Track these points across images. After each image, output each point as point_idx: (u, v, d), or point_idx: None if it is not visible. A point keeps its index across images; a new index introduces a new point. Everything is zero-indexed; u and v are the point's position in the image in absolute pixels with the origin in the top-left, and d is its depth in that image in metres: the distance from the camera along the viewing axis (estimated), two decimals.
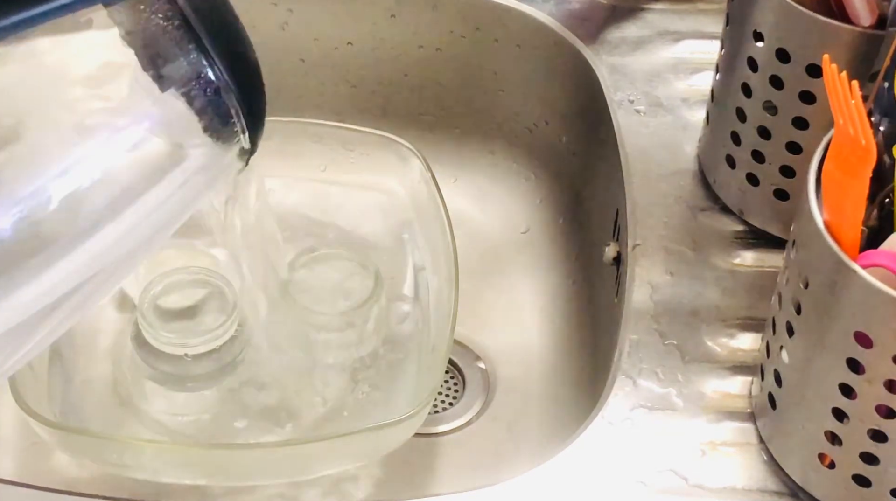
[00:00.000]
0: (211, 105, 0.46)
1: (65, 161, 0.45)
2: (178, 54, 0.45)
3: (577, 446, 0.62)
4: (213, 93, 0.46)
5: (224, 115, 0.47)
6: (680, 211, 0.73)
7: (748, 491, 0.60)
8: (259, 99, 0.48)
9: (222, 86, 0.46)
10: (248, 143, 0.48)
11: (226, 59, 0.46)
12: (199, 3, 0.45)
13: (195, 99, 0.46)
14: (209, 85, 0.46)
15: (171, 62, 0.45)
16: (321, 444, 0.65)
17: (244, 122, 0.47)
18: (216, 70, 0.45)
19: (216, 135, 0.47)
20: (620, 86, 0.81)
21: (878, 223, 0.54)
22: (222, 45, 0.46)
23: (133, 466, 0.64)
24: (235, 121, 0.47)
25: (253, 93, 0.48)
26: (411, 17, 0.88)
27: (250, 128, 0.48)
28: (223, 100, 0.46)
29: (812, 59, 0.63)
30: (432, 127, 0.92)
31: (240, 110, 0.47)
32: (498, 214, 0.90)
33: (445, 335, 0.66)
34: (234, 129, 0.47)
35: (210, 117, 0.46)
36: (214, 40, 0.45)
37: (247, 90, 0.47)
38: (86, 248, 0.46)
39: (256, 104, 0.48)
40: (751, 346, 0.66)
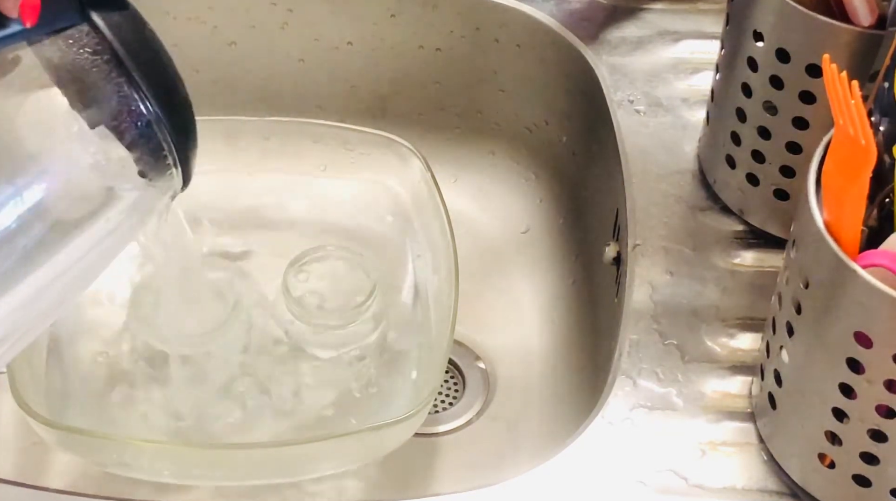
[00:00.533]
0: (143, 139, 0.46)
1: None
2: (108, 88, 0.45)
3: (577, 446, 0.62)
4: (145, 127, 0.45)
5: (156, 149, 0.46)
6: (680, 211, 0.73)
7: (748, 491, 0.60)
8: (190, 133, 0.47)
9: (153, 120, 0.45)
10: (181, 178, 0.48)
11: (157, 93, 0.45)
12: (127, 37, 0.45)
13: (126, 133, 0.45)
14: (140, 118, 0.45)
15: (101, 96, 0.45)
16: (321, 444, 0.65)
17: (176, 156, 0.47)
18: (147, 103, 0.45)
19: (148, 170, 0.46)
20: (620, 86, 0.81)
21: (878, 223, 0.54)
22: (152, 79, 0.45)
23: (133, 466, 0.64)
24: (167, 155, 0.46)
25: (184, 127, 0.47)
26: (411, 17, 0.88)
27: (182, 163, 0.47)
28: (155, 134, 0.46)
29: (812, 59, 0.63)
30: (432, 127, 0.92)
31: (171, 144, 0.46)
32: (498, 214, 0.90)
33: (445, 335, 0.66)
34: (167, 163, 0.47)
35: (142, 152, 0.46)
36: (144, 74, 0.45)
37: (178, 123, 0.46)
38: (12, 294, 0.45)
39: (188, 138, 0.47)
40: (751, 346, 0.66)
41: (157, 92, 0.45)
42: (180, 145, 0.46)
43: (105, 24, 0.45)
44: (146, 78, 0.45)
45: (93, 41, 0.45)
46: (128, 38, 0.45)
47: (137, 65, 0.45)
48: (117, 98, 0.45)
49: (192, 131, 0.47)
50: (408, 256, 0.77)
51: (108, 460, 0.65)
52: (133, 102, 0.45)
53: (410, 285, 0.76)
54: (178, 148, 0.46)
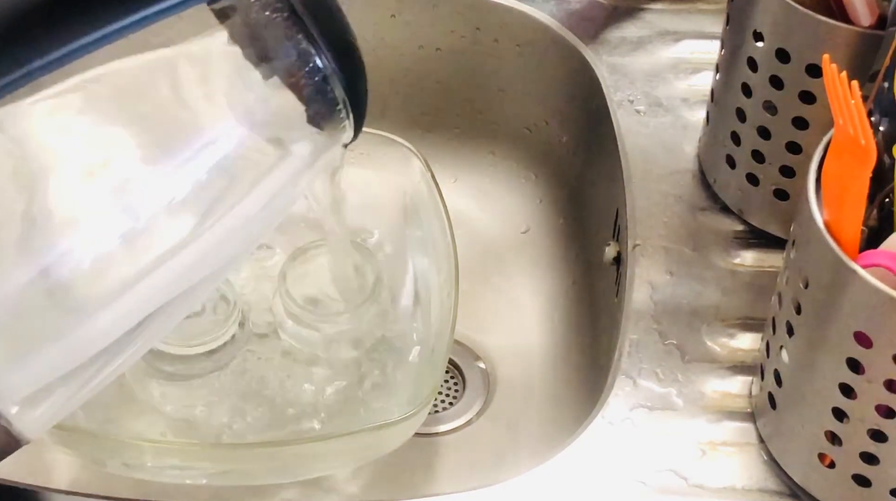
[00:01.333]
0: (319, 93, 0.47)
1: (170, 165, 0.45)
2: (286, 42, 0.46)
3: (577, 446, 0.62)
4: (322, 81, 0.47)
5: (331, 103, 0.47)
6: (680, 211, 0.73)
7: (748, 491, 0.60)
8: (363, 88, 0.49)
9: (329, 75, 0.46)
10: (352, 131, 0.49)
11: (332, 46, 0.46)
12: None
13: (304, 87, 0.47)
14: (317, 73, 0.46)
15: (280, 51, 0.46)
16: (321, 444, 0.65)
17: (350, 107, 0.48)
18: (324, 58, 0.46)
19: (322, 123, 0.48)
20: (620, 86, 0.81)
21: (878, 223, 0.54)
22: (328, 33, 0.46)
23: (133, 466, 0.64)
24: (342, 109, 0.48)
25: (358, 82, 0.48)
26: (411, 17, 0.88)
27: (356, 117, 0.49)
28: (330, 88, 0.47)
29: (812, 59, 0.63)
30: (432, 127, 0.92)
31: (346, 98, 0.48)
32: (498, 214, 0.90)
33: (445, 335, 0.66)
34: (341, 117, 0.48)
35: (317, 106, 0.47)
36: (321, 28, 0.46)
37: (353, 78, 0.48)
38: (189, 252, 0.46)
39: (361, 92, 0.48)
40: (751, 346, 0.66)
41: (332, 45, 0.46)
42: (353, 97, 0.48)
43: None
44: (323, 32, 0.46)
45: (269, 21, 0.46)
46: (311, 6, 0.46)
47: (315, 20, 0.46)
48: (296, 51, 0.46)
49: (364, 83, 0.49)
50: (408, 256, 0.77)
51: (108, 460, 0.65)
52: (311, 56, 0.46)
53: (410, 285, 0.76)
54: (351, 100, 0.48)
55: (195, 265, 0.46)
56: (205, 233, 0.46)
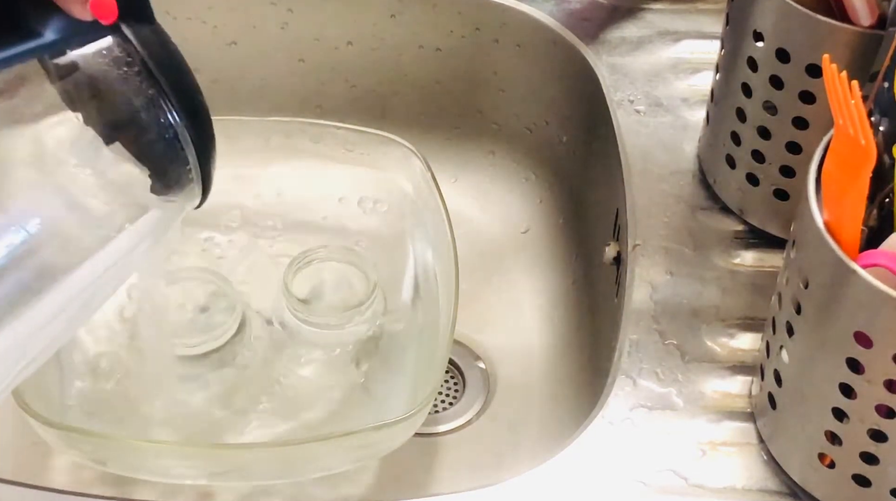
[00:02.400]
0: (168, 152, 0.45)
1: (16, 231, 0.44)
2: (136, 101, 0.45)
3: (577, 446, 0.62)
4: (172, 139, 0.45)
5: (180, 163, 0.46)
6: (680, 211, 0.73)
7: (748, 491, 0.60)
8: (212, 147, 0.47)
9: (179, 132, 0.45)
10: (200, 193, 0.48)
11: (183, 106, 0.45)
12: (156, 50, 0.45)
13: (150, 145, 0.45)
14: (167, 130, 0.45)
15: (126, 110, 0.45)
16: (321, 444, 0.65)
17: (199, 169, 0.47)
18: (173, 115, 0.45)
19: (169, 185, 0.46)
20: (620, 86, 0.81)
21: (878, 223, 0.54)
22: (179, 92, 0.45)
23: (133, 466, 0.64)
24: (191, 168, 0.46)
25: (207, 141, 0.47)
26: (411, 17, 0.88)
27: (204, 177, 0.47)
28: (180, 147, 0.45)
29: (812, 59, 0.63)
30: (432, 127, 0.92)
31: (196, 157, 0.46)
32: (498, 214, 0.90)
33: (445, 335, 0.66)
34: (189, 177, 0.47)
35: (165, 165, 0.46)
36: (172, 87, 0.45)
37: (202, 136, 0.46)
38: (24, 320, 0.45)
39: (210, 152, 0.47)
40: (751, 346, 0.66)
41: (183, 105, 0.45)
42: (203, 159, 0.47)
43: (135, 37, 0.45)
44: (174, 91, 0.45)
45: (122, 53, 0.45)
46: (156, 52, 0.45)
47: (166, 78, 0.45)
48: (145, 111, 0.45)
49: (214, 146, 0.47)
50: (408, 256, 0.77)
51: (108, 460, 0.65)
52: (161, 114, 0.45)
53: (410, 285, 0.76)
54: (201, 161, 0.47)
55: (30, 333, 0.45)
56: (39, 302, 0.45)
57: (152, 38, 0.45)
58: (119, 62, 0.45)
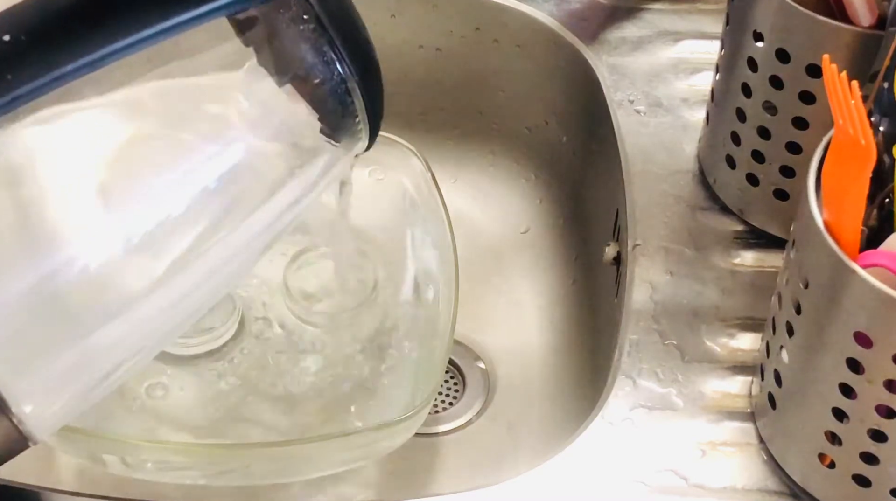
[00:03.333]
0: (339, 103, 0.48)
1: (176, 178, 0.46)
2: (312, 53, 0.47)
3: (577, 446, 0.62)
4: (343, 92, 0.48)
5: (350, 114, 0.48)
6: (680, 211, 0.73)
7: (748, 491, 0.60)
8: (381, 102, 0.50)
9: (351, 85, 0.48)
10: (366, 143, 0.50)
11: (356, 61, 0.48)
12: (331, 6, 0.47)
13: (323, 96, 0.48)
14: (340, 82, 0.47)
15: (303, 60, 0.47)
16: (321, 444, 0.65)
17: (367, 118, 0.49)
18: (347, 68, 0.47)
19: (337, 134, 0.49)
20: (620, 87, 0.81)
21: (878, 223, 0.54)
22: (352, 46, 0.47)
23: (133, 466, 0.64)
24: (360, 120, 0.49)
25: (377, 96, 0.49)
26: (411, 17, 0.88)
27: (372, 128, 0.50)
28: (351, 99, 0.48)
29: (812, 59, 0.63)
30: (432, 127, 0.92)
31: (365, 109, 0.48)
32: (498, 214, 0.90)
33: (445, 335, 0.66)
34: (358, 128, 0.49)
35: (335, 116, 0.48)
36: (346, 42, 0.47)
37: (373, 91, 0.49)
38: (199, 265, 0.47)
39: (379, 106, 0.50)
40: (751, 346, 0.66)
41: (356, 57, 0.48)
42: (372, 109, 0.49)
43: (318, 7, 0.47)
44: (346, 45, 0.47)
45: (299, 9, 0.47)
46: (330, 7, 0.47)
47: (339, 32, 0.47)
48: (321, 60, 0.47)
49: (382, 96, 0.50)
50: (407, 256, 0.77)
51: (108, 460, 0.65)
52: (334, 66, 0.47)
53: (410, 285, 0.76)
54: (370, 111, 0.49)
55: (204, 277, 0.47)
56: (215, 245, 0.46)
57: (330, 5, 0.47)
58: (296, 18, 0.47)
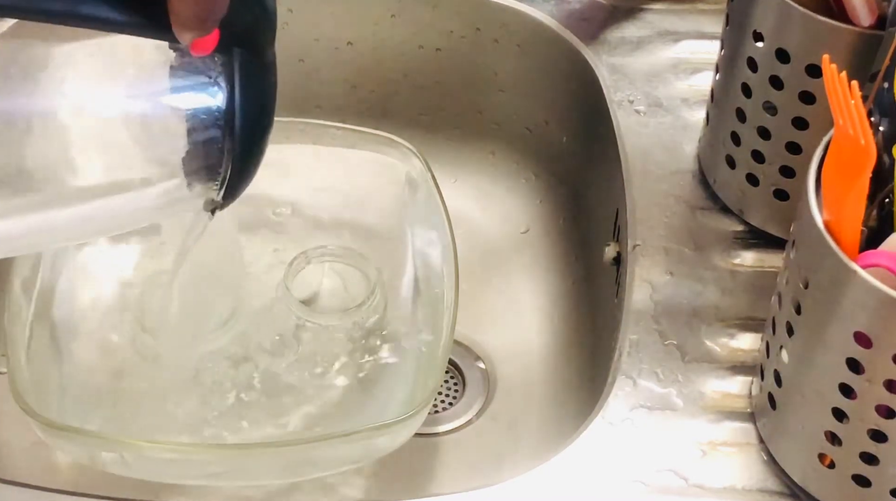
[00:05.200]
0: (211, 152, 0.48)
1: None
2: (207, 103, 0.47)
3: (577, 446, 0.62)
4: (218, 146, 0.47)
5: (213, 168, 0.48)
6: (680, 211, 0.73)
7: (748, 491, 0.60)
8: (249, 177, 0.50)
9: (227, 148, 0.48)
10: (219, 200, 0.50)
11: (245, 135, 0.48)
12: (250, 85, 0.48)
13: (200, 135, 0.47)
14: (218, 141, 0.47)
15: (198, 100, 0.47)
16: (320, 444, 0.65)
17: (226, 184, 0.49)
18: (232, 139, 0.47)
19: (197, 177, 0.48)
20: (620, 87, 0.81)
21: (878, 223, 0.54)
22: (249, 126, 0.48)
23: (132, 466, 0.64)
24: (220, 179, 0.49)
25: (247, 171, 0.49)
26: (411, 17, 0.88)
27: (227, 192, 0.49)
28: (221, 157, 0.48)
29: (812, 59, 0.63)
30: (432, 127, 0.92)
31: (228, 174, 0.48)
32: (498, 214, 0.90)
33: (445, 335, 0.66)
34: (215, 184, 0.49)
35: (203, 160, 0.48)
36: (245, 118, 0.48)
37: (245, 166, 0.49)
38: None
39: (244, 179, 0.49)
40: (751, 346, 0.66)
41: (245, 135, 0.48)
42: (234, 180, 0.49)
43: (235, 65, 0.47)
44: (242, 127, 0.47)
45: (214, 70, 0.47)
46: (245, 86, 0.48)
47: (242, 115, 0.47)
48: (211, 114, 0.47)
49: (251, 177, 0.50)
50: (407, 256, 0.77)
51: (108, 460, 0.65)
52: (221, 128, 0.47)
53: (410, 285, 0.76)
54: (230, 181, 0.49)
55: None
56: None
57: (252, 73, 0.48)
58: (209, 72, 0.47)
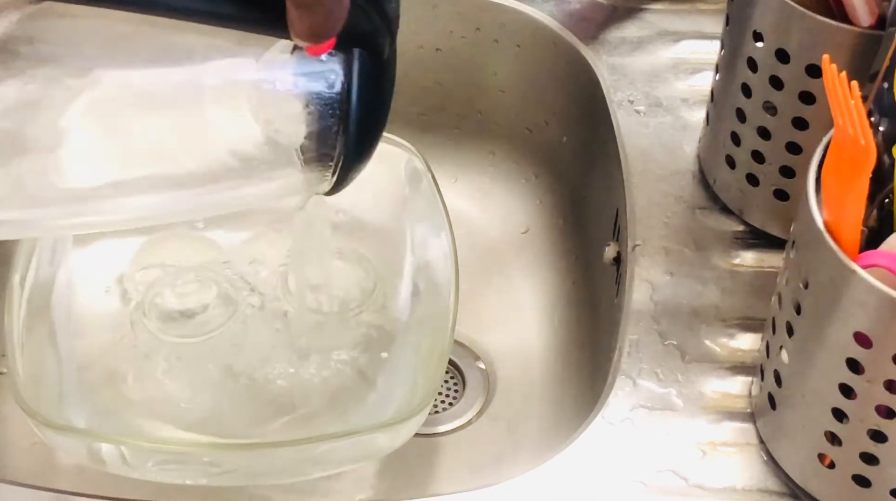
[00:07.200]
0: (327, 142, 0.49)
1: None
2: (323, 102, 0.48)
3: (577, 446, 0.62)
4: (333, 138, 0.49)
5: (326, 156, 0.50)
6: (680, 211, 0.73)
7: (748, 491, 0.60)
8: (360, 166, 0.51)
9: (341, 142, 0.49)
10: (329, 188, 0.52)
11: (360, 132, 0.49)
12: (367, 84, 0.49)
13: (316, 129, 0.48)
14: (334, 132, 0.48)
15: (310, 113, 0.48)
16: (321, 445, 0.65)
17: (339, 172, 0.50)
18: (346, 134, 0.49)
19: (310, 164, 0.50)
20: (620, 87, 0.81)
21: (878, 223, 0.54)
22: (364, 124, 0.49)
23: (133, 466, 0.64)
24: (333, 167, 0.50)
25: (359, 160, 0.51)
26: (411, 17, 0.88)
27: (338, 179, 0.51)
28: (335, 148, 0.49)
29: (812, 59, 0.63)
30: (432, 127, 0.92)
31: (341, 162, 0.50)
32: (498, 214, 0.90)
33: (445, 335, 0.66)
34: (327, 172, 0.50)
35: (318, 148, 0.49)
36: (361, 117, 0.49)
37: (357, 156, 0.50)
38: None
39: (355, 168, 0.51)
40: (751, 346, 0.66)
41: (360, 131, 0.49)
42: (346, 167, 0.50)
43: (355, 65, 0.48)
44: (357, 126, 0.48)
45: (336, 71, 0.48)
46: (362, 85, 0.49)
47: (358, 113, 0.48)
48: (331, 103, 0.48)
49: (362, 168, 0.51)
50: (407, 256, 0.77)
51: (108, 460, 0.65)
52: (337, 119, 0.48)
53: (410, 285, 0.76)
54: (343, 169, 0.50)
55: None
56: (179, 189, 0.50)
57: (369, 69, 0.50)
58: (330, 62, 0.48)
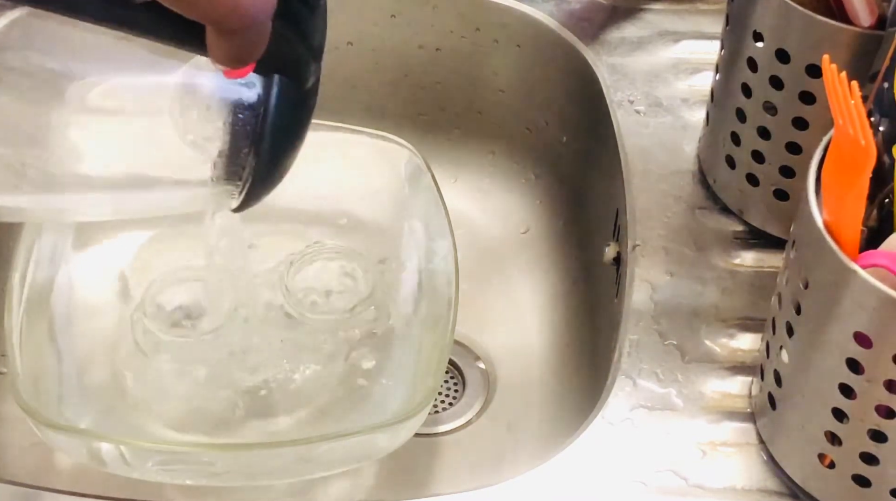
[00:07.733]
0: (236, 159, 0.49)
1: None
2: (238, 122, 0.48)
3: (577, 446, 0.62)
4: (243, 155, 0.48)
5: (234, 174, 0.49)
6: (680, 211, 0.73)
7: (748, 491, 0.60)
8: (268, 189, 0.51)
9: (251, 162, 0.48)
10: (236, 205, 0.51)
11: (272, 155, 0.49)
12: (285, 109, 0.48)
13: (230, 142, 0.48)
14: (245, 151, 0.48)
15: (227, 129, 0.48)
16: (320, 445, 0.65)
17: (246, 193, 0.50)
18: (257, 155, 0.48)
19: (218, 179, 0.50)
20: (620, 87, 0.81)
21: (878, 223, 0.54)
22: (278, 149, 0.49)
23: (133, 466, 0.64)
24: (240, 186, 0.50)
25: (269, 182, 0.50)
26: (411, 17, 0.88)
27: (245, 199, 0.50)
28: (244, 166, 0.49)
29: (812, 59, 0.63)
30: (432, 127, 0.92)
31: (248, 184, 0.49)
32: (498, 214, 0.90)
33: (445, 335, 0.66)
34: (235, 190, 0.50)
35: (227, 164, 0.49)
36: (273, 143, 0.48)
37: (268, 179, 0.50)
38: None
39: (264, 190, 0.51)
40: (751, 346, 0.66)
41: (270, 155, 0.48)
42: (253, 188, 0.50)
43: (272, 90, 0.48)
44: (271, 145, 0.48)
45: (257, 92, 0.48)
46: (283, 111, 0.48)
47: (273, 134, 0.48)
48: (246, 122, 0.48)
49: (269, 191, 0.51)
50: (408, 256, 0.77)
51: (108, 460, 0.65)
52: (251, 140, 0.48)
53: (410, 285, 0.76)
54: (250, 190, 0.50)
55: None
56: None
57: (288, 96, 0.49)
58: (251, 81, 0.47)
